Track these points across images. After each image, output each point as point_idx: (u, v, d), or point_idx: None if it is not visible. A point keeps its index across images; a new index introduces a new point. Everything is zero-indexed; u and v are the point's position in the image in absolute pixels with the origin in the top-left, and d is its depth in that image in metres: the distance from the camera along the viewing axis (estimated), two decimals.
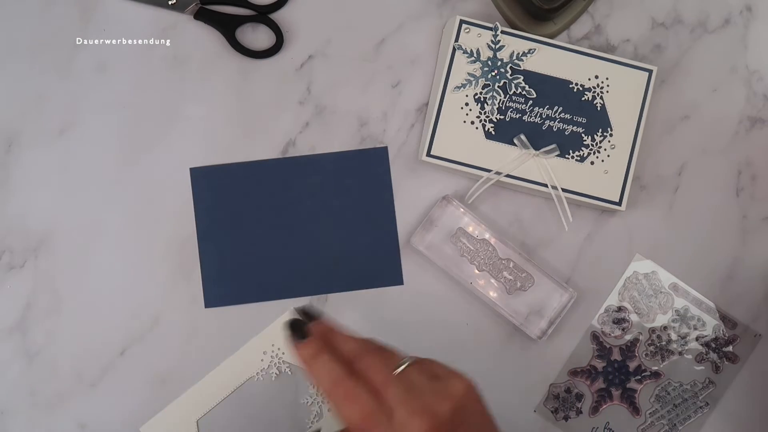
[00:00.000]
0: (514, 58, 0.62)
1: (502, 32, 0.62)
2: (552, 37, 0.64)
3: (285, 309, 0.62)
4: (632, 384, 0.64)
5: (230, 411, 0.61)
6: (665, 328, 0.65)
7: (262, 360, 0.61)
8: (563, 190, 0.62)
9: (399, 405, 0.45)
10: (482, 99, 0.62)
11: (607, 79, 0.63)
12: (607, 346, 0.64)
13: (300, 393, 0.61)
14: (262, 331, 0.61)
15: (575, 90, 0.63)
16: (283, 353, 0.61)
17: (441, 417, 0.45)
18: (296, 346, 0.48)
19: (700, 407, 0.64)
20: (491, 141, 0.62)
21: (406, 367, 0.47)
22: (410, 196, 0.64)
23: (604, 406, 0.64)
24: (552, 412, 0.63)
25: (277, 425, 0.61)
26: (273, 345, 0.61)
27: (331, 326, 0.49)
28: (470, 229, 0.63)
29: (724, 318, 0.65)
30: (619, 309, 0.64)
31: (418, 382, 0.46)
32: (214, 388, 0.61)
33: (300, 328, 0.49)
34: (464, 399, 0.46)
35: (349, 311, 0.63)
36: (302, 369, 0.49)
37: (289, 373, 0.61)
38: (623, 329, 0.64)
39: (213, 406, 0.60)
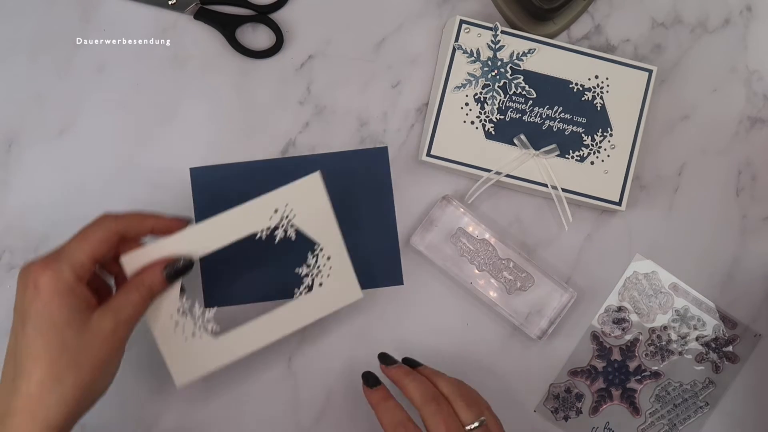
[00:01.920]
0: (514, 58, 0.62)
1: (502, 32, 0.62)
2: (552, 37, 0.64)
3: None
4: (632, 384, 0.64)
5: (220, 265, 0.58)
6: (665, 328, 0.65)
7: (271, 218, 0.56)
8: (563, 190, 0.62)
9: None
10: (482, 99, 0.62)
11: (607, 79, 0.63)
12: (607, 346, 0.64)
13: (298, 262, 0.58)
14: (279, 189, 0.57)
15: (575, 90, 0.63)
16: (294, 215, 0.56)
17: None
18: (367, 391, 0.56)
19: (700, 407, 0.64)
20: (491, 141, 0.62)
21: (476, 427, 0.52)
22: (410, 196, 0.64)
23: (604, 406, 0.64)
24: (552, 412, 0.63)
25: (263, 288, 0.60)
26: (287, 205, 0.56)
27: (408, 371, 0.56)
28: (470, 229, 0.63)
29: (724, 318, 0.65)
30: (619, 309, 0.64)
31: None
32: (215, 232, 0.55)
33: (372, 378, 0.56)
34: None
35: (349, 312, 0.63)
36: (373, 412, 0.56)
37: (293, 239, 0.57)
38: (623, 329, 0.64)
39: (208, 252, 0.55)
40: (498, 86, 0.62)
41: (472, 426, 0.53)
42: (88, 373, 0.47)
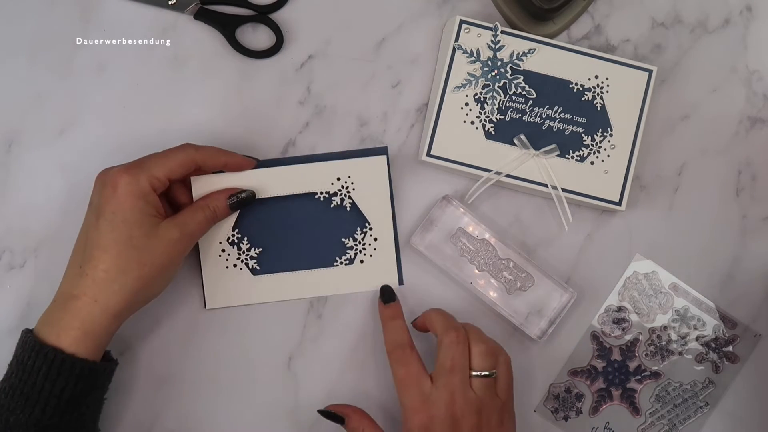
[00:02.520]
0: (514, 58, 0.62)
1: (502, 32, 0.62)
2: (552, 37, 0.64)
3: (285, 309, 0.62)
4: (632, 384, 0.64)
5: (276, 210, 0.61)
6: (665, 328, 0.65)
7: (332, 183, 0.61)
8: (563, 190, 0.62)
9: (444, 389, 0.53)
10: (482, 99, 0.62)
11: (607, 79, 0.63)
12: (607, 346, 0.64)
13: (347, 231, 0.61)
14: (345, 160, 0.61)
15: (575, 90, 0.63)
16: (354, 189, 0.61)
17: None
18: (380, 306, 0.60)
19: (700, 407, 0.64)
20: (491, 141, 0.62)
21: (482, 376, 0.54)
22: (410, 196, 0.64)
23: (604, 406, 0.64)
24: (552, 412, 0.63)
25: (308, 246, 0.61)
26: (349, 177, 0.61)
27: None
28: (470, 229, 0.63)
29: (724, 318, 0.65)
30: (619, 309, 0.64)
31: (477, 390, 0.54)
32: (276, 181, 0.60)
33: (388, 293, 0.60)
34: None
35: (349, 311, 0.63)
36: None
37: (348, 209, 0.61)
38: (623, 329, 0.64)
39: (267, 196, 0.60)
40: (498, 86, 0.62)
41: (480, 373, 0.54)
42: (149, 271, 0.52)
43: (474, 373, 0.54)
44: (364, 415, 0.57)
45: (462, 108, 0.62)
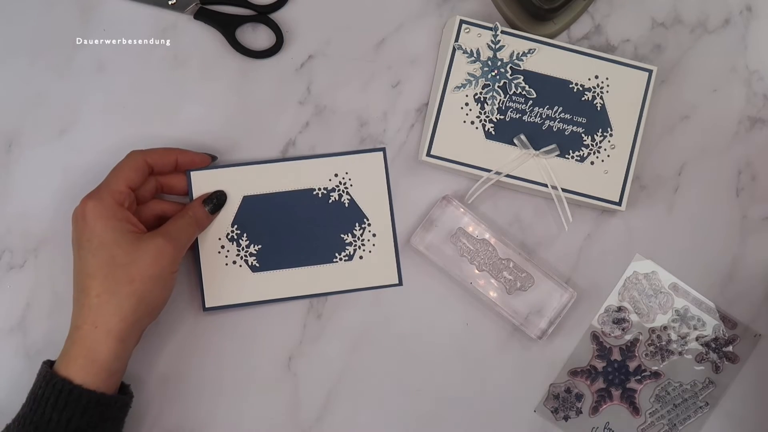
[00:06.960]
0: (514, 58, 0.62)
1: (502, 32, 0.62)
2: (552, 37, 0.64)
3: (285, 310, 0.62)
4: (632, 384, 0.64)
5: (275, 206, 0.61)
6: (665, 328, 0.65)
7: (330, 180, 0.62)
8: (563, 190, 0.62)
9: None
10: (482, 99, 0.62)
11: (607, 79, 0.63)
12: (607, 346, 0.64)
13: (345, 227, 0.62)
14: (342, 156, 0.62)
15: (575, 90, 0.63)
16: (352, 185, 0.62)
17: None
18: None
19: (700, 407, 0.64)
20: (491, 141, 0.62)
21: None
22: (410, 196, 0.64)
23: (604, 406, 0.64)
24: (552, 412, 0.63)
25: (307, 242, 0.62)
26: (347, 173, 0.62)
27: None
28: (470, 229, 0.63)
29: (724, 318, 0.65)
30: (619, 309, 0.64)
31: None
32: (274, 177, 0.61)
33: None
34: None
35: (349, 311, 0.63)
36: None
37: (346, 206, 0.61)
38: (623, 329, 0.64)
39: (265, 192, 0.61)
40: (498, 86, 0.62)
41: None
42: (140, 285, 0.52)
43: None
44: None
45: (462, 108, 0.62)
